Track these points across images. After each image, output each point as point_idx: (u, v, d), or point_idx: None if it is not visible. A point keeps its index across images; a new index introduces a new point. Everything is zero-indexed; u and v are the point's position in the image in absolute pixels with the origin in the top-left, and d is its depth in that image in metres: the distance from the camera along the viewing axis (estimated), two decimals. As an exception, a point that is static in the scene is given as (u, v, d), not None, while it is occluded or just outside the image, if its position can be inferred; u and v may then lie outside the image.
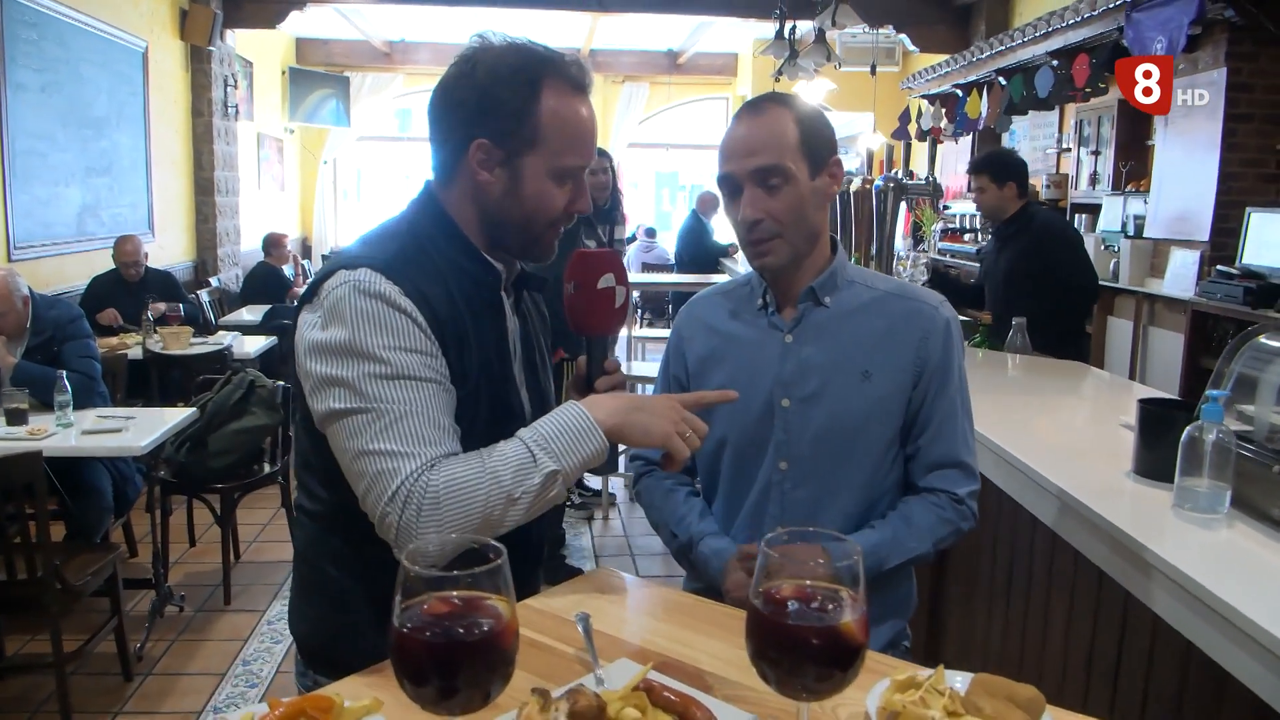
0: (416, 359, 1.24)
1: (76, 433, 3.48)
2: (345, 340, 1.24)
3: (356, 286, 1.25)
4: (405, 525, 1.18)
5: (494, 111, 1.31)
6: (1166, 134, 5.37)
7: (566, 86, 1.33)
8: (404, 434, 1.21)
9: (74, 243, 5.90)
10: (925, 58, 8.68)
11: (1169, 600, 1.59)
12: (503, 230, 1.38)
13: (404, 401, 1.22)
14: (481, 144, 1.32)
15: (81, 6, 5.84)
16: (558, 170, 1.34)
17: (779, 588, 0.82)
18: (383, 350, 1.23)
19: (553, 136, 1.32)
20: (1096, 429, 2.44)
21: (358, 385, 1.22)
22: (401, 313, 1.24)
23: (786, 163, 1.53)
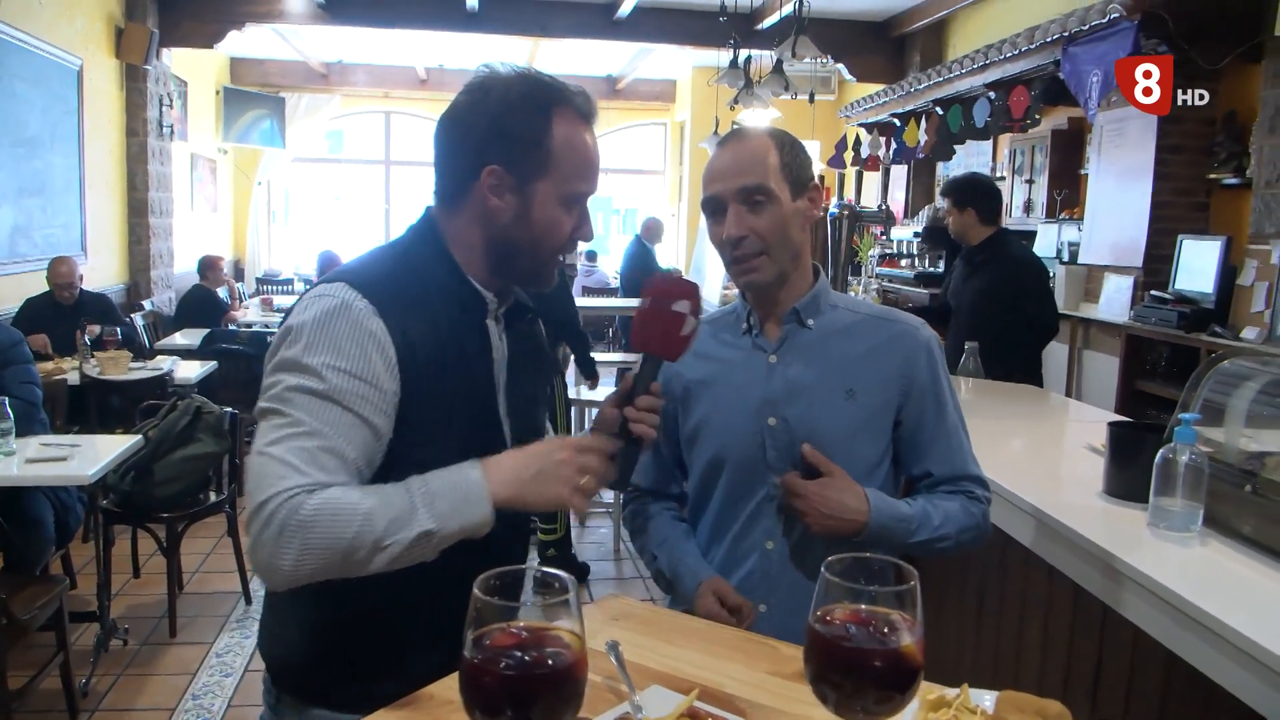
0: (357, 387, 1.23)
1: (19, 461, 3.36)
2: (297, 350, 1.24)
3: (327, 302, 1.26)
4: (264, 541, 1.15)
5: (507, 138, 1.32)
6: (1099, 163, 5.56)
7: (576, 115, 1.36)
8: (304, 452, 1.19)
9: (5, 264, 5.72)
10: (861, 87, 8.88)
11: (1150, 613, 1.64)
12: (510, 256, 1.38)
13: (320, 423, 1.20)
14: (494, 170, 1.33)
15: (15, 22, 5.69)
16: (567, 197, 1.36)
17: (835, 612, 0.83)
18: (324, 368, 1.22)
19: (564, 163, 1.34)
20: (1061, 451, 2.52)
21: (287, 393, 1.22)
22: (368, 335, 1.24)
23: (769, 183, 1.59)
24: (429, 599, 1.24)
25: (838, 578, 0.82)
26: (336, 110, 12.00)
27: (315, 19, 8.12)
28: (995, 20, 7.12)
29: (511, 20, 8.36)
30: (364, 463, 1.25)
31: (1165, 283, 4.96)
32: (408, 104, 12.23)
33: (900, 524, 1.58)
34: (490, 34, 8.50)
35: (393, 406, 1.27)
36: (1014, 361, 3.81)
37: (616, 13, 8.19)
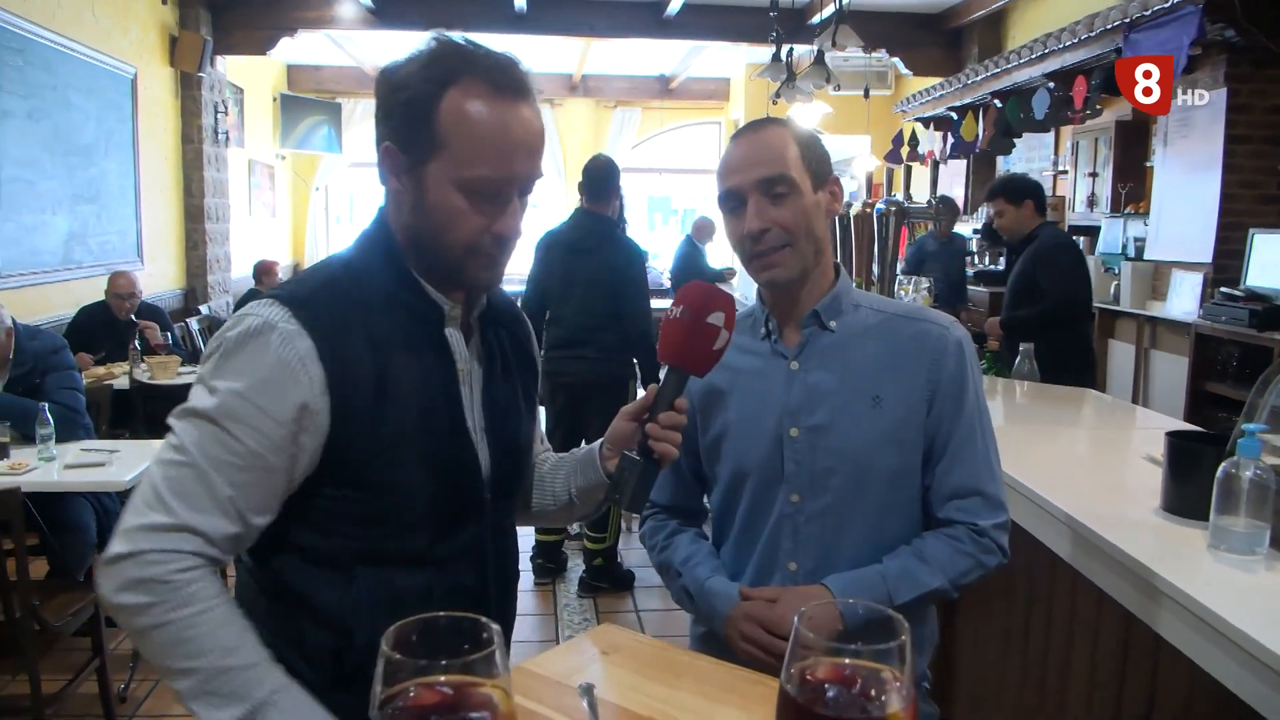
0: (256, 419, 1.12)
1: (58, 467, 3.38)
2: (207, 369, 1.16)
3: (251, 321, 1.15)
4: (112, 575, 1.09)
5: (397, 111, 1.19)
6: (1165, 155, 5.33)
7: (483, 87, 1.17)
8: (177, 485, 1.11)
9: (60, 271, 5.80)
10: (918, 81, 8.67)
11: (1204, 646, 1.50)
12: (422, 250, 1.24)
13: (204, 455, 1.12)
14: (388, 148, 1.21)
15: (69, 32, 5.77)
16: (464, 182, 1.18)
17: (814, 668, 0.72)
18: (227, 394, 1.12)
19: (456, 141, 1.17)
20: (1117, 461, 2.36)
21: (186, 413, 1.14)
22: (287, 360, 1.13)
23: (790, 173, 1.49)
24: None
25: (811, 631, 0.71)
26: (392, 114, 12.06)
27: (365, 23, 8.15)
28: (1056, 8, 6.88)
29: (559, 21, 8.32)
30: (248, 504, 1.14)
31: (1236, 279, 4.73)
32: (461, 107, 12.23)
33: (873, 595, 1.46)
34: (538, 35, 8.46)
35: (314, 438, 1.16)
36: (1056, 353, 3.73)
37: (665, 11, 8.10)
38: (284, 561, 1.22)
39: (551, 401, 4.49)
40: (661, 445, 1.25)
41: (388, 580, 1.20)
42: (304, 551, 1.22)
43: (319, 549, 1.21)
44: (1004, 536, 1.55)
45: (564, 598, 4.52)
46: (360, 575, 1.21)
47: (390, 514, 1.21)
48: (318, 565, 1.22)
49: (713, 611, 1.55)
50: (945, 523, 1.54)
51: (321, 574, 1.21)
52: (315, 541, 1.21)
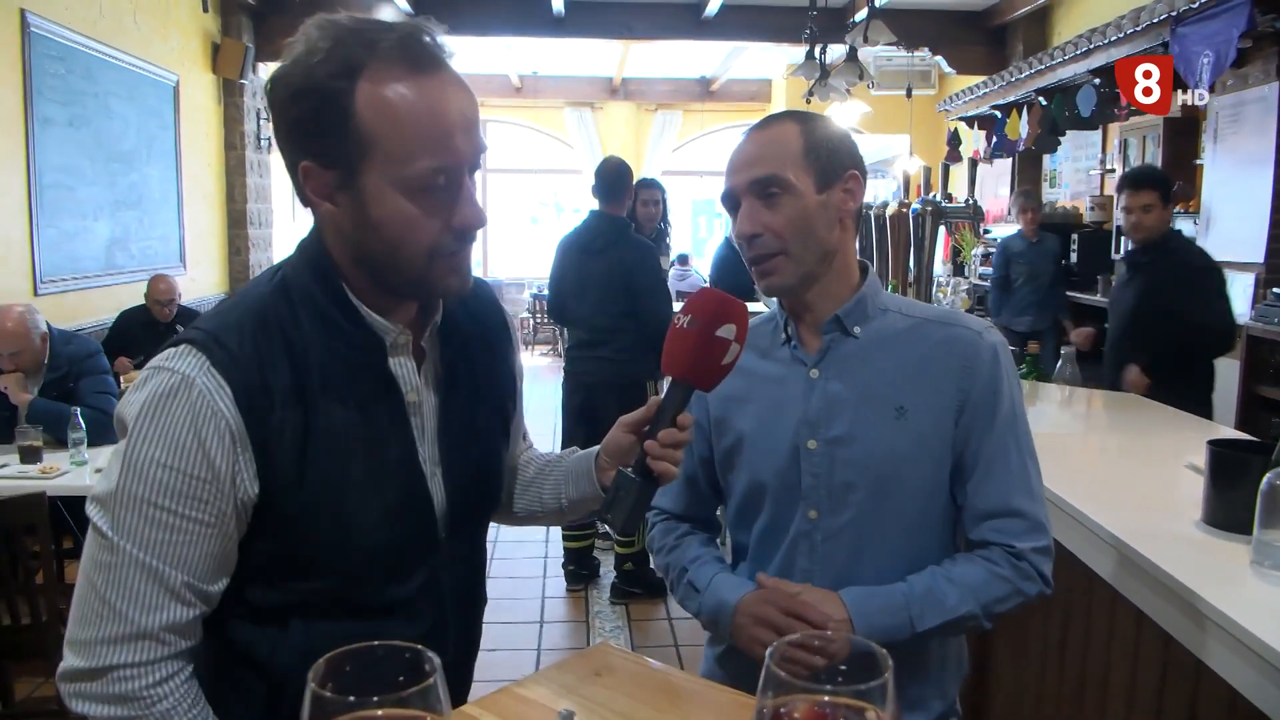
0: (190, 487, 1.02)
1: (89, 471, 3.40)
2: (124, 444, 1.05)
3: (164, 378, 1.04)
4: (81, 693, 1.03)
5: (305, 122, 1.03)
6: (1215, 153, 5.17)
7: (397, 69, 1.01)
8: (136, 593, 1.02)
9: (102, 276, 5.87)
10: (962, 79, 8.52)
11: (1246, 671, 1.40)
12: (376, 270, 1.10)
13: (143, 547, 1.02)
14: (306, 167, 1.05)
15: (111, 41, 5.85)
16: (408, 182, 1.03)
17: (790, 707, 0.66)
18: (152, 466, 1.02)
19: (385, 140, 1.01)
20: (1158, 470, 2.25)
21: (111, 503, 1.03)
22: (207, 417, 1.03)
23: (785, 173, 1.40)
24: None
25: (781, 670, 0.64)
26: (433, 120, 12.12)
27: (405, 29, 8.18)
28: (1102, 3, 6.72)
29: (597, 23, 8.29)
30: (204, 577, 1.06)
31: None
32: (503, 112, 12.28)
33: (893, 617, 1.36)
34: (576, 38, 8.45)
35: (245, 502, 1.06)
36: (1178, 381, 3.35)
37: (704, 12, 8.04)
38: (225, 616, 1.13)
39: (570, 400, 4.53)
40: (660, 464, 1.16)
41: (328, 632, 1.05)
42: (243, 606, 1.13)
43: (256, 602, 1.13)
44: (1047, 564, 1.42)
45: (596, 604, 4.47)
46: (295, 629, 1.13)
47: (328, 565, 1.12)
48: (254, 620, 1.13)
49: (720, 603, 1.46)
50: (979, 544, 1.43)
51: (259, 628, 1.13)
52: (254, 595, 1.13)
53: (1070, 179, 7.65)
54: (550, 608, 4.40)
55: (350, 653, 0.64)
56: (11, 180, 4.90)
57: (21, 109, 4.95)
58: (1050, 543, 1.43)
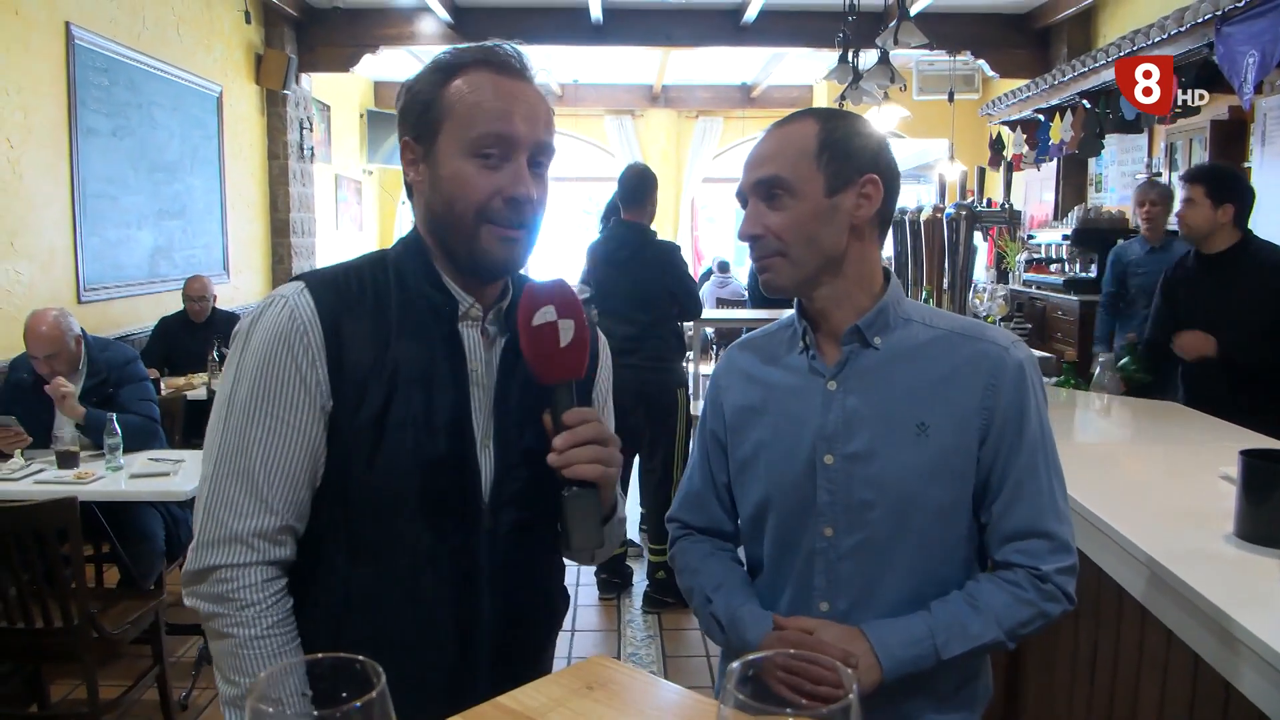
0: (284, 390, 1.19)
1: (125, 477, 3.44)
2: (233, 354, 1.23)
3: (275, 304, 1.22)
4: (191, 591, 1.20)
5: (410, 106, 1.26)
6: (1264, 155, 5.03)
7: (487, 70, 1.24)
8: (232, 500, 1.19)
9: (146, 284, 5.98)
10: (1005, 83, 8.40)
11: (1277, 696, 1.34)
12: (441, 235, 1.26)
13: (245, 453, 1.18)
14: (405, 142, 1.28)
15: (154, 52, 5.96)
16: (470, 143, 1.21)
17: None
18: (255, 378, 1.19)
19: (458, 110, 1.22)
20: (1190, 481, 2.17)
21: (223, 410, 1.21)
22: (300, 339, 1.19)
23: (792, 174, 1.36)
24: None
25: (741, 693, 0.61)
26: (476, 129, 12.20)
27: (445, 39, 8.23)
28: (1148, 4, 6.59)
29: (636, 31, 8.30)
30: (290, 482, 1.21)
31: (1345, 287, 4.40)
32: (545, 120, 12.31)
33: (917, 648, 1.32)
34: (616, 45, 8.45)
35: (325, 410, 1.21)
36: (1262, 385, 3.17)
37: (743, 18, 8.01)
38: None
39: None
40: (574, 469, 1.17)
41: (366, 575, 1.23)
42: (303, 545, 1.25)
43: (317, 537, 1.25)
44: (1071, 583, 1.37)
45: (628, 613, 4.44)
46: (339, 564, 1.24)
47: (379, 497, 1.22)
48: (315, 558, 1.25)
49: (743, 643, 1.42)
50: (1004, 565, 1.38)
51: (318, 565, 1.25)
52: (315, 529, 1.25)
53: (1116, 183, 7.51)
54: (582, 616, 4.38)
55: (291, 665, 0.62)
56: (56, 190, 5.00)
57: (66, 120, 5.06)
58: (1075, 560, 1.38)
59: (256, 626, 1.18)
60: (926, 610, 1.35)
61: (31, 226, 4.80)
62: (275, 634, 1.19)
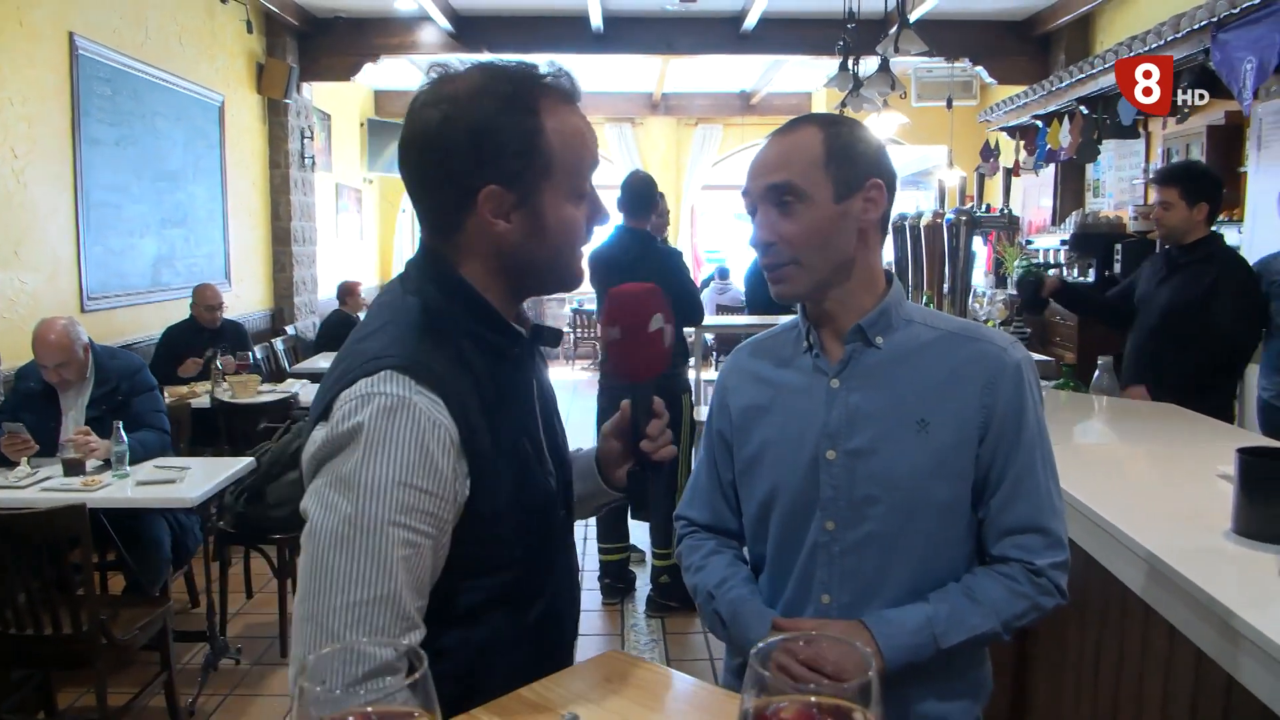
0: (424, 502, 1.07)
1: (131, 484, 3.46)
2: (347, 466, 1.06)
3: (381, 400, 1.08)
4: None
5: (498, 152, 1.16)
6: (1259, 160, 5.08)
7: (561, 100, 1.21)
8: (380, 627, 1.04)
9: (149, 293, 6.00)
10: (1003, 89, 8.46)
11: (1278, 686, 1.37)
12: (530, 275, 1.24)
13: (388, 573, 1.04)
14: (491, 191, 1.16)
15: (157, 62, 5.99)
16: (575, 190, 1.22)
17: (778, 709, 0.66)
18: (393, 485, 1.05)
19: (564, 157, 1.20)
20: (1190, 480, 2.20)
21: (343, 527, 1.05)
22: (431, 431, 1.08)
23: (803, 181, 1.39)
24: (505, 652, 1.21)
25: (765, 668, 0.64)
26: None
27: (447, 48, 8.29)
28: (1145, 10, 6.64)
29: (637, 39, 8.35)
30: (424, 591, 1.11)
31: (1338, 289, 4.44)
32: (544, 128, 12.36)
33: (917, 637, 1.36)
34: (616, 53, 8.50)
35: (460, 505, 1.12)
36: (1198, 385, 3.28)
37: (743, 26, 8.05)
38: None
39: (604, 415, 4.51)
40: (661, 453, 1.30)
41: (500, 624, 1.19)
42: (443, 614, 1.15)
43: (456, 607, 1.16)
44: (1063, 577, 1.42)
45: (631, 618, 4.47)
46: (489, 620, 1.19)
47: (516, 558, 1.20)
48: (453, 625, 1.16)
49: (745, 639, 1.46)
50: (1000, 559, 1.42)
51: (458, 631, 1.17)
52: (456, 601, 1.16)
53: (1114, 188, 7.56)
54: (585, 621, 4.38)
55: None
56: (60, 199, 5.03)
57: (70, 130, 5.09)
58: (1067, 556, 1.42)
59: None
60: (925, 601, 1.39)
61: (36, 236, 4.83)
62: None
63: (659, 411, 1.29)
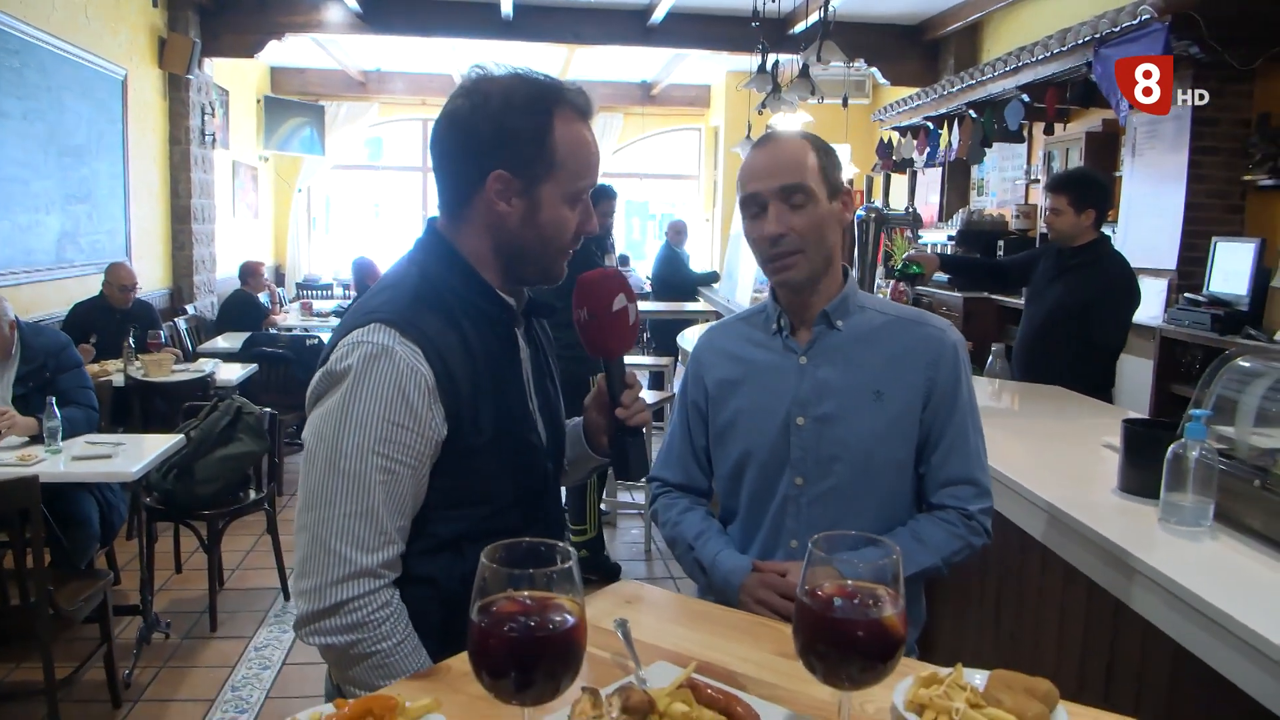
0: (400, 436, 1.27)
1: (66, 459, 3.48)
2: (337, 401, 1.28)
3: (367, 348, 1.28)
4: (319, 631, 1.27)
5: (512, 142, 1.34)
6: (1134, 166, 5.53)
7: (574, 113, 1.39)
8: (358, 538, 1.26)
9: (53, 269, 5.88)
10: (895, 90, 8.87)
11: (1160, 607, 1.67)
12: (520, 259, 1.41)
13: (368, 493, 1.26)
14: (500, 175, 1.35)
15: (63, 34, 5.86)
16: (571, 194, 1.39)
17: (823, 586, 0.88)
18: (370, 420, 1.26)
19: (568, 162, 1.37)
20: (1080, 449, 2.53)
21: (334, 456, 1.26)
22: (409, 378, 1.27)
23: (810, 183, 1.63)
24: None
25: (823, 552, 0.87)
26: (375, 118, 12.17)
27: (353, 28, 8.26)
28: (1030, 22, 7.10)
29: (545, 28, 8.45)
30: (404, 514, 1.31)
31: (1199, 285, 4.92)
32: (444, 111, 12.33)
33: None
34: (524, 41, 8.59)
35: (437, 442, 1.31)
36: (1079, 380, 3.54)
37: (650, 19, 8.25)
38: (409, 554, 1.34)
39: None
40: (636, 418, 1.47)
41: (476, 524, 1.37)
42: (427, 540, 1.35)
43: (438, 536, 1.36)
44: (989, 520, 1.70)
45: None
46: (468, 551, 1.34)
47: (489, 497, 1.38)
48: (432, 551, 1.36)
49: (726, 584, 1.68)
50: (938, 507, 1.69)
51: (433, 557, 1.36)
52: (436, 530, 1.36)
53: (997, 188, 8.03)
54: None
55: (506, 544, 0.85)
56: (-31, 173, 4.92)
57: (-21, 102, 4.98)
58: (992, 504, 1.71)
59: (394, 637, 1.28)
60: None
61: (-57, 209, 4.72)
62: (410, 636, 1.31)
63: (630, 382, 1.48)
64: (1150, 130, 5.29)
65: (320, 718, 0.94)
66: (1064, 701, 1.03)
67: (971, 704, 0.99)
